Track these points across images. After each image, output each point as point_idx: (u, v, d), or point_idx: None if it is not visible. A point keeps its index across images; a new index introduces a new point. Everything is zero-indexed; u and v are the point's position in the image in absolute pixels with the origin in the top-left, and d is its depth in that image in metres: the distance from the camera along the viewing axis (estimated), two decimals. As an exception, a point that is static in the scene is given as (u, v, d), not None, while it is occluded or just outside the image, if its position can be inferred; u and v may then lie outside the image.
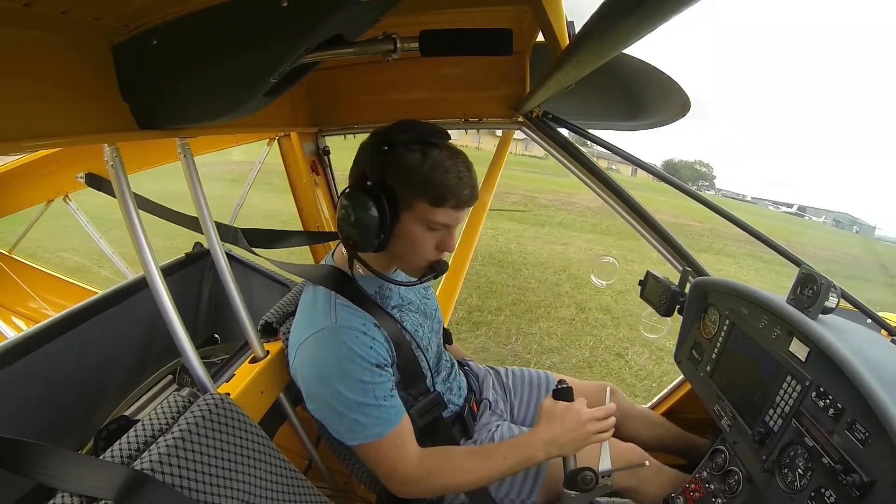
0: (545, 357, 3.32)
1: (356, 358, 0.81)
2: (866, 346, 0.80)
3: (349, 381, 0.81)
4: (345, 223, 0.81)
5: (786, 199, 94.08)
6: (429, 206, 0.79)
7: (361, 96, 1.41)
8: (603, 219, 9.75)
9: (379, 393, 0.83)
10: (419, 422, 0.93)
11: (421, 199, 0.79)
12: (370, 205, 0.77)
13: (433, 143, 0.80)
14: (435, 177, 0.78)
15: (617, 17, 0.38)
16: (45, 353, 1.11)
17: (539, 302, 4.34)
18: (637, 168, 1.35)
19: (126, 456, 0.62)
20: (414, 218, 0.81)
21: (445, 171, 0.78)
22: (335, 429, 0.85)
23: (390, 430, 0.83)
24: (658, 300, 1.29)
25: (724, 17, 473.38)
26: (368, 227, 0.78)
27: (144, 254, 0.73)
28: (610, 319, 4.13)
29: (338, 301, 0.86)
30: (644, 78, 1.36)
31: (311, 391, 0.85)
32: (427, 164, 0.78)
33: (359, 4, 0.48)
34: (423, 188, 0.78)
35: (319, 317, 0.85)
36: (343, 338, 0.82)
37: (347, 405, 0.81)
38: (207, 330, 1.72)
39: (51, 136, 0.60)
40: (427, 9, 0.94)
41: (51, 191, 1.74)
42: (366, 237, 0.80)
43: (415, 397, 0.93)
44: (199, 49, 0.59)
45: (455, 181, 0.79)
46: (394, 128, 0.80)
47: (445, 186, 0.78)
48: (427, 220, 0.81)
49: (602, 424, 0.87)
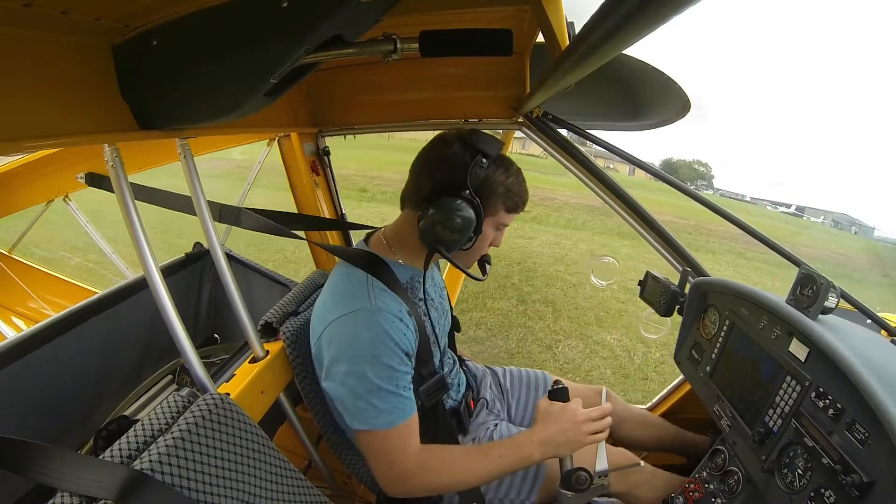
0: (464, 346, 3.30)
1: (390, 342, 0.82)
2: (866, 347, 0.80)
3: (378, 364, 0.81)
4: (441, 225, 0.86)
5: (784, 200, 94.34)
6: (505, 212, 0.93)
7: (361, 96, 1.41)
8: (579, 214, 9.77)
9: (401, 382, 0.84)
10: (426, 402, 0.94)
11: (501, 206, 0.92)
12: (469, 211, 0.86)
13: (506, 158, 0.93)
14: (515, 189, 0.92)
15: (617, 17, 0.38)
16: (45, 353, 1.11)
17: (479, 293, 4.32)
18: (635, 167, 1.35)
19: (126, 456, 0.62)
20: (491, 221, 0.93)
21: (520, 184, 0.93)
22: (348, 409, 0.85)
23: (401, 422, 0.84)
24: (658, 300, 1.29)
25: (725, 16, 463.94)
26: (466, 231, 0.86)
27: (144, 254, 0.73)
28: (551, 312, 4.13)
29: (375, 284, 0.88)
30: (644, 78, 1.36)
31: (334, 369, 0.85)
32: (511, 178, 0.91)
33: (359, 5, 0.48)
34: (505, 198, 0.91)
35: (356, 297, 0.86)
36: (380, 321, 0.83)
37: (369, 388, 0.81)
38: (207, 330, 1.72)
39: (51, 136, 0.60)
40: (427, 9, 0.94)
41: (51, 191, 1.74)
42: (460, 239, 0.87)
43: (424, 377, 0.94)
44: (199, 49, 0.59)
45: (525, 192, 0.95)
46: (479, 140, 0.88)
47: (520, 197, 0.94)
48: (499, 223, 0.95)
49: (597, 425, 0.88)
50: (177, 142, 0.87)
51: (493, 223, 0.93)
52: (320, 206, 1.61)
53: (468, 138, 0.88)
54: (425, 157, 0.93)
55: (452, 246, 0.88)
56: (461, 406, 1.11)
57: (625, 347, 3.60)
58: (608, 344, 3.64)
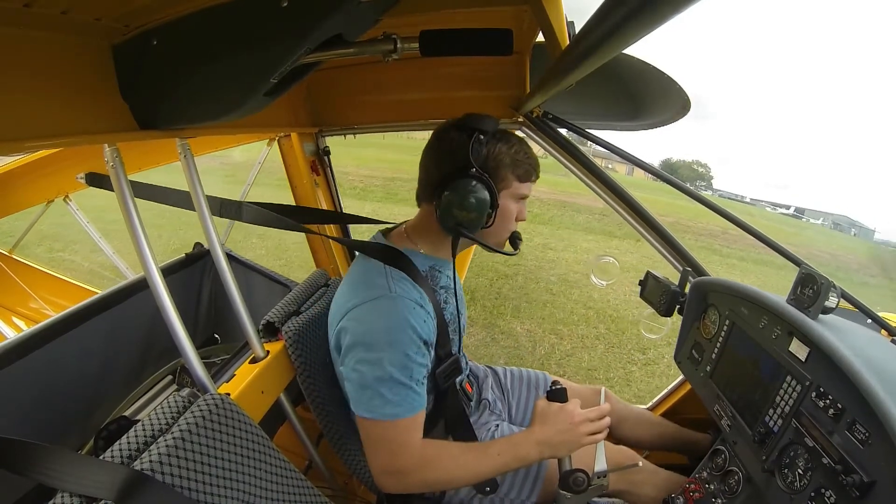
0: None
1: (408, 329, 0.82)
2: (866, 346, 0.80)
3: (394, 352, 0.81)
4: (458, 208, 0.86)
5: (784, 201, 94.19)
6: (518, 181, 0.93)
7: (361, 96, 1.41)
8: (549, 209, 9.83)
9: (415, 375, 0.84)
10: (442, 384, 0.95)
11: (513, 177, 0.92)
12: (481, 188, 0.86)
13: (505, 131, 0.93)
14: (521, 157, 0.92)
15: (617, 17, 0.38)
16: (45, 353, 1.11)
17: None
18: (633, 167, 1.35)
19: (126, 456, 0.62)
20: (507, 194, 0.93)
21: (525, 152, 0.93)
22: (357, 397, 0.84)
23: (409, 416, 0.83)
24: (658, 300, 1.29)
25: (727, 16, 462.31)
26: (483, 208, 0.87)
27: (144, 254, 0.73)
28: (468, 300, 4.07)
29: (393, 273, 0.89)
30: (644, 78, 1.36)
31: (350, 354, 0.85)
32: (513, 147, 0.91)
33: (359, 4, 0.48)
34: (513, 167, 0.91)
35: (376, 286, 0.87)
36: (400, 307, 0.83)
37: (381, 376, 0.81)
38: (207, 330, 1.72)
39: (51, 137, 0.60)
40: (427, 9, 0.94)
41: (51, 191, 1.73)
42: (480, 217, 0.88)
43: (441, 358, 0.95)
44: (199, 49, 0.59)
45: (533, 159, 0.94)
46: (474, 120, 0.89)
47: (529, 164, 0.93)
48: (516, 194, 0.94)
49: (595, 426, 0.88)
50: (177, 142, 0.87)
51: (510, 196, 0.93)
52: (320, 206, 1.61)
53: (462, 121, 0.90)
54: (428, 151, 0.94)
55: (473, 226, 0.88)
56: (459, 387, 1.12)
57: (533, 338, 3.58)
58: (515, 334, 3.60)
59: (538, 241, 6.98)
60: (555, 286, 4.77)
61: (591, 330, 3.84)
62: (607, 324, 3.98)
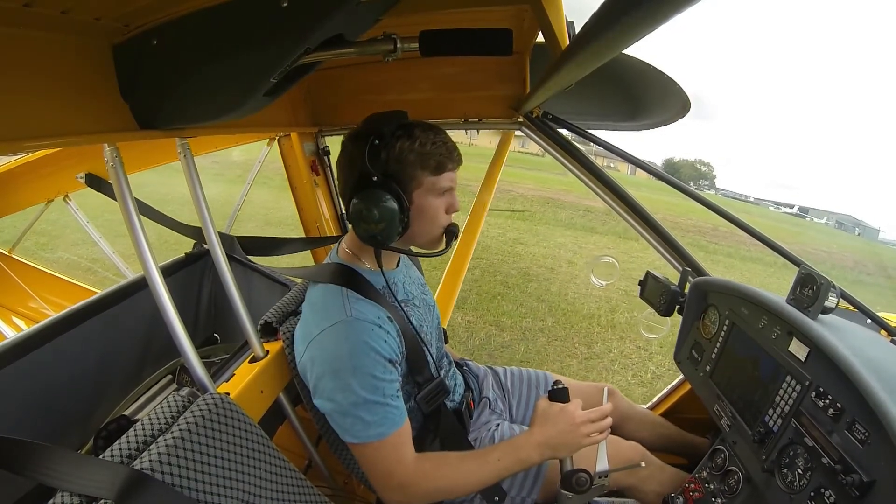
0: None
1: (370, 352, 0.81)
2: (866, 346, 0.80)
3: (361, 375, 0.80)
4: (366, 222, 0.84)
5: (788, 201, 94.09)
6: (432, 175, 0.87)
7: (361, 96, 1.41)
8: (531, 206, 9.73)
9: (388, 391, 0.82)
10: (425, 409, 0.93)
11: (424, 172, 0.86)
12: (385, 196, 0.82)
13: (409, 125, 0.87)
14: (428, 149, 0.85)
15: (617, 17, 0.38)
16: (45, 353, 1.11)
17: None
18: (636, 167, 1.35)
19: (126, 456, 0.62)
20: (424, 192, 0.87)
21: (433, 143, 0.86)
22: (339, 425, 0.84)
23: (393, 432, 0.83)
24: (658, 300, 1.29)
25: (728, 16, 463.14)
26: (392, 216, 0.83)
27: (144, 254, 0.73)
28: None
29: (350, 295, 0.87)
30: (644, 78, 1.36)
31: (320, 386, 0.84)
32: (417, 142, 0.84)
33: (359, 4, 0.48)
34: (422, 163, 0.85)
35: (333, 311, 0.85)
36: (358, 330, 0.82)
37: (355, 401, 0.80)
38: (207, 330, 1.72)
39: (51, 136, 0.60)
40: (427, 9, 0.94)
41: (51, 191, 1.73)
42: (391, 226, 0.84)
43: (420, 384, 0.93)
44: (199, 49, 0.59)
45: (445, 148, 0.87)
46: (370, 123, 0.85)
47: (441, 154, 0.86)
48: (435, 189, 0.88)
49: (596, 426, 0.87)
50: (177, 141, 0.87)
51: (427, 192, 0.87)
52: (320, 206, 1.62)
53: (359, 128, 0.87)
54: (337, 164, 0.92)
55: (388, 235, 0.85)
56: (462, 407, 1.11)
57: (470, 329, 3.52)
58: (452, 324, 3.52)
59: (511, 235, 6.89)
60: (512, 279, 4.69)
61: (536, 323, 3.76)
62: (557, 317, 3.91)
